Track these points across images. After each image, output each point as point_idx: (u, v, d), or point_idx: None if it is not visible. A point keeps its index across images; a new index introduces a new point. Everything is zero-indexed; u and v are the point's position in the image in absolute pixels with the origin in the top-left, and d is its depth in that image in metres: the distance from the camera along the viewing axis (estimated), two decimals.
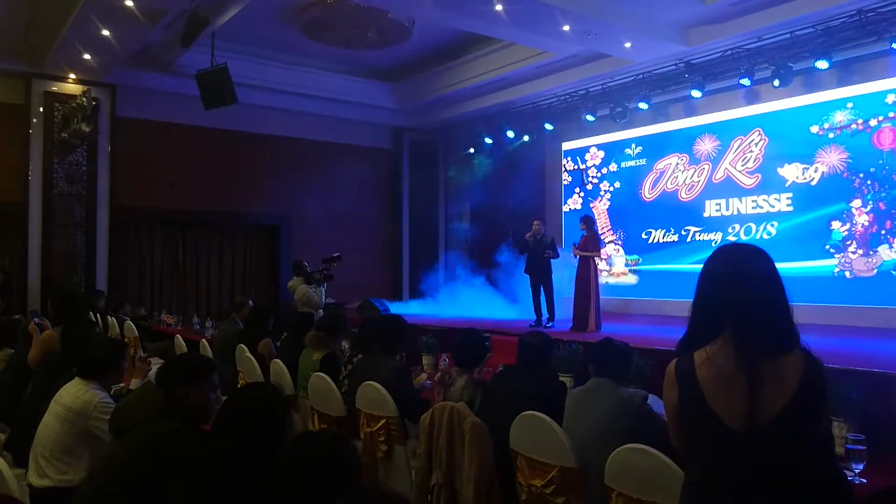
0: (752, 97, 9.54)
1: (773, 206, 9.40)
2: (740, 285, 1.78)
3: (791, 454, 1.69)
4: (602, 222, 11.58)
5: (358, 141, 13.29)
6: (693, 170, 10.33)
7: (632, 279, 11.14)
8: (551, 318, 8.80)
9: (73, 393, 3.23)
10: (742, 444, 1.71)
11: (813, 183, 9.01)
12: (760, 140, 9.56)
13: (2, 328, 5.22)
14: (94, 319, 7.63)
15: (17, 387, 4.31)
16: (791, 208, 9.21)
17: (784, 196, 9.28)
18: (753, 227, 9.56)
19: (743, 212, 9.70)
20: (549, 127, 11.65)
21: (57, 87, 10.28)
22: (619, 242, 11.38)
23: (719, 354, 1.76)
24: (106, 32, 8.45)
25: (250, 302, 7.19)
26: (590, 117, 10.88)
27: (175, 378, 2.54)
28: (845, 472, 2.65)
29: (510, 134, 12.10)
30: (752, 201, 9.61)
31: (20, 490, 2.57)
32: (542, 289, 8.73)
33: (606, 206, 11.61)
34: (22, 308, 9.68)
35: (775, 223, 9.34)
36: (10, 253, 10.47)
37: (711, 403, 1.74)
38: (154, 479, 2.23)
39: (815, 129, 8.99)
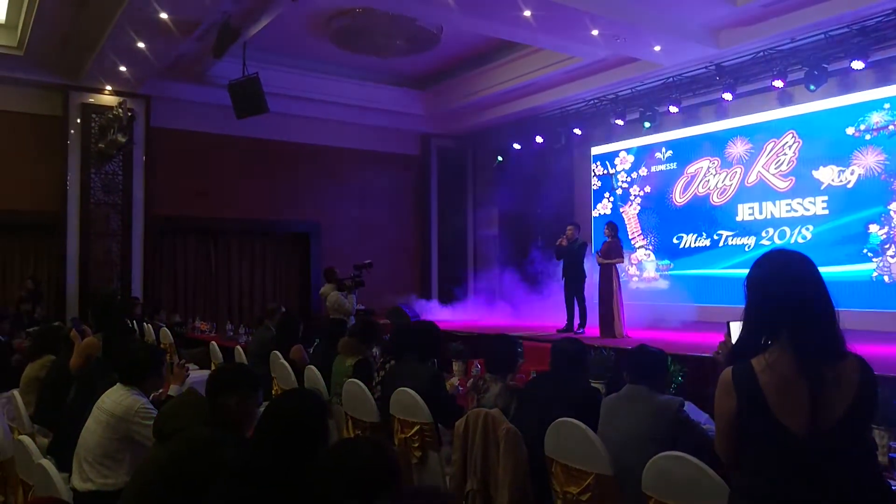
0: (785, 99, 9.41)
1: (808, 210, 9.24)
2: (793, 291, 1.78)
3: (849, 460, 1.71)
4: (632, 227, 11.50)
5: (386, 148, 13.38)
6: (725, 173, 10.21)
7: (663, 284, 11.03)
8: (582, 323, 8.77)
9: (115, 399, 3.28)
10: (806, 450, 1.72)
11: (849, 186, 8.85)
12: (794, 142, 9.42)
13: (44, 335, 5.34)
14: (131, 326, 7.77)
15: (60, 392, 4.41)
16: (827, 211, 9.05)
17: (819, 199, 9.13)
18: (788, 230, 9.41)
19: (777, 215, 9.56)
20: (577, 132, 11.63)
21: (94, 99, 10.52)
22: (650, 247, 11.29)
23: (780, 361, 1.76)
24: (141, 45, 8.64)
25: (283, 308, 7.27)
26: (619, 122, 10.83)
27: (224, 385, 2.58)
28: (889, 481, 2.60)
29: (539, 139, 12.09)
30: (787, 205, 9.46)
31: (67, 493, 2.63)
32: (574, 294, 8.71)
33: (637, 211, 11.52)
34: (61, 315, 9.90)
35: (810, 227, 9.19)
36: (49, 261, 10.72)
37: (775, 410, 1.74)
38: (195, 483, 2.27)
39: (850, 130, 8.83)
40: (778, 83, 8.80)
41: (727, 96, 9.37)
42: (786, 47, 8.65)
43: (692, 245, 10.62)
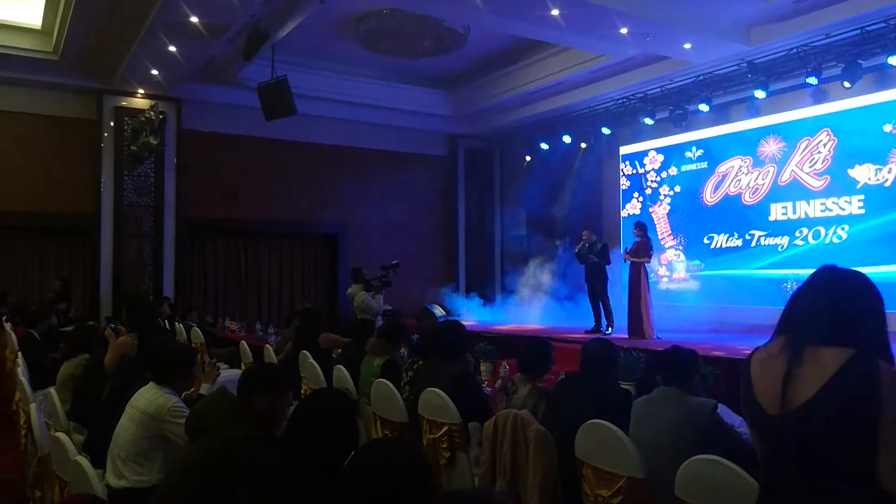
0: (819, 96, 9.22)
1: (843, 209, 9.05)
2: (813, 297, 1.76)
3: (825, 451, 1.60)
4: (662, 227, 11.37)
5: (414, 149, 13.41)
6: (757, 172, 10.04)
7: (693, 285, 10.88)
8: (610, 324, 8.72)
9: (148, 397, 3.33)
10: (775, 430, 1.69)
11: (887, 184, 8.64)
12: (829, 140, 9.22)
13: (79, 334, 5.44)
14: (163, 326, 7.87)
15: (94, 390, 4.49)
16: (863, 211, 8.85)
17: (855, 198, 8.93)
18: (822, 230, 9.22)
19: (811, 215, 9.38)
20: (606, 131, 11.54)
21: (126, 102, 10.69)
22: (680, 247, 11.14)
23: (774, 344, 1.77)
24: (172, 48, 8.76)
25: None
26: (648, 120, 10.73)
27: (255, 384, 2.60)
28: None
29: (566, 139, 12.02)
30: (821, 204, 9.27)
31: (101, 490, 2.67)
32: (598, 297, 8.70)
33: (666, 211, 11.38)
34: (95, 315, 10.08)
35: (846, 226, 8.99)
36: (83, 262, 10.93)
37: (755, 388, 1.75)
38: (227, 482, 2.29)
39: (888, 127, 8.62)
40: (812, 80, 8.63)
41: (759, 94, 9.22)
42: (820, 43, 8.48)
43: (723, 245, 10.46)
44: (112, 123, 10.63)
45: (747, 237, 10.11)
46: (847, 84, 8.31)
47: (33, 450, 3.69)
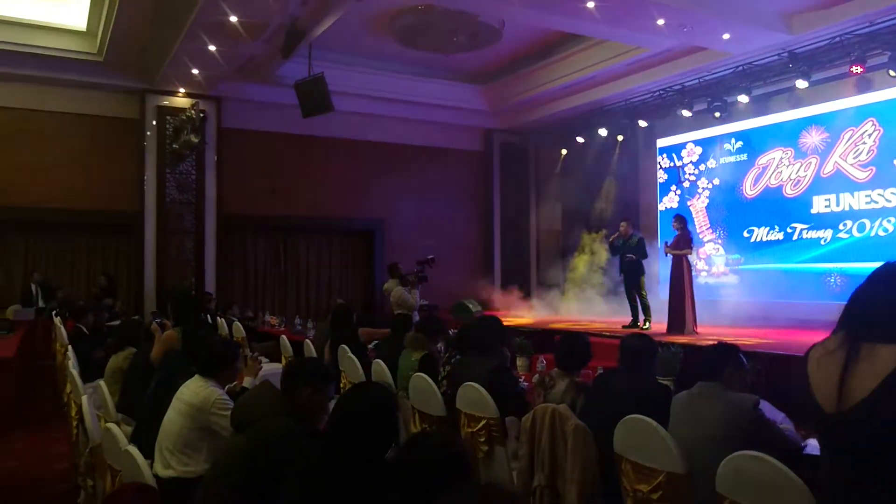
0: (864, 85, 8.99)
1: (889, 201, 8.82)
2: (873, 292, 1.74)
3: (883, 450, 1.57)
4: (700, 221, 11.21)
5: (449, 144, 13.44)
6: (799, 164, 9.83)
7: (733, 279, 10.72)
8: (647, 319, 8.64)
9: (194, 390, 3.41)
10: (832, 428, 1.66)
11: None
12: (874, 131, 8.99)
13: (125, 329, 5.60)
14: (206, 320, 8.03)
15: (141, 383, 4.62)
16: None
17: None
18: (867, 223, 9.00)
19: (855, 207, 9.16)
20: (643, 124, 11.41)
21: (168, 102, 10.94)
22: (719, 241, 10.98)
23: (832, 340, 1.74)
24: (212, 48, 8.92)
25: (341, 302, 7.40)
26: (686, 113, 10.58)
27: (297, 378, 2.66)
28: None
29: (602, 132, 11.92)
30: (866, 196, 9.05)
31: (151, 479, 2.75)
32: (634, 291, 8.62)
33: (705, 204, 11.22)
34: (139, 309, 10.34)
35: (892, 219, 8.76)
36: (128, 258, 11.21)
37: (813, 385, 1.73)
38: (270, 475, 2.35)
39: None
40: (856, 69, 8.41)
41: (801, 84, 9.03)
42: (864, 31, 8.26)
43: (764, 239, 10.28)
44: (154, 122, 10.87)
45: (789, 230, 9.91)
46: (893, 73, 8.09)
47: (85, 440, 3.81)
